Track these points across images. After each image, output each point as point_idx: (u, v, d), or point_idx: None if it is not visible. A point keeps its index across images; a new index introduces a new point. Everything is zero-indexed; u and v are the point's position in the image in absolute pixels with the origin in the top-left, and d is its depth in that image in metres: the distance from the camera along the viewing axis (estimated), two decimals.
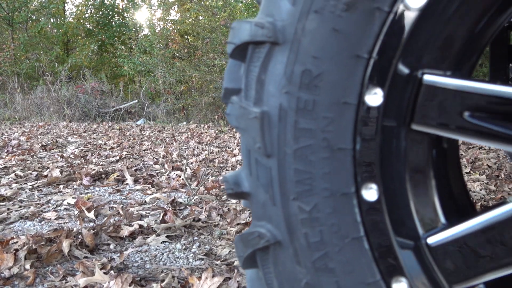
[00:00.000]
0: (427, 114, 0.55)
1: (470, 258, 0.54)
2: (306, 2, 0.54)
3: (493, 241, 0.52)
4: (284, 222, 0.60)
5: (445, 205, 0.58)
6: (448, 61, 0.54)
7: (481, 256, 0.53)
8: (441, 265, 0.55)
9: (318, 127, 0.57)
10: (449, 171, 0.60)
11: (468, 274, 0.54)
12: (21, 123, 9.15)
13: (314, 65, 0.55)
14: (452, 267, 0.55)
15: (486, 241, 0.52)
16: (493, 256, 0.52)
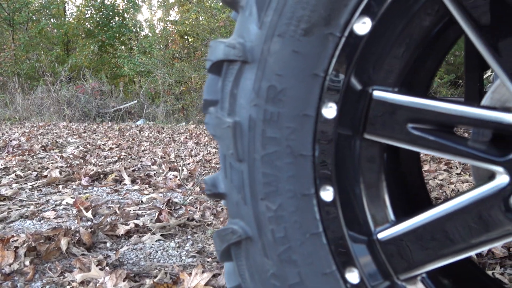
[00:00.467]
0: (377, 125, 0.63)
1: (413, 250, 0.62)
2: (271, 27, 0.62)
3: (431, 235, 0.60)
4: (254, 219, 0.68)
5: (395, 204, 0.66)
6: (395, 79, 0.62)
7: (422, 249, 0.61)
8: (389, 257, 0.63)
9: (282, 136, 0.65)
10: (400, 174, 0.68)
11: (412, 265, 0.62)
12: (21, 123, 9.23)
13: (278, 81, 0.63)
14: (398, 259, 0.63)
15: (426, 236, 0.60)
16: (432, 249, 0.60)
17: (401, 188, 0.68)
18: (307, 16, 0.59)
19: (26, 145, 5.28)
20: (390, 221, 0.65)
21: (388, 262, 0.63)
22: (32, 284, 1.53)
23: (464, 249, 0.58)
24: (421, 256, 0.61)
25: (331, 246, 0.64)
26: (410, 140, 0.60)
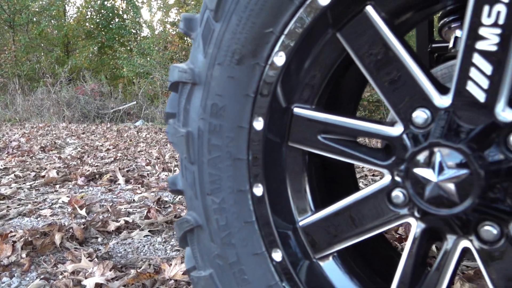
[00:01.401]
0: (297, 135, 0.79)
1: (326, 234, 0.78)
2: (212, 57, 0.79)
3: (339, 222, 0.77)
4: (203, 211, 0.85)
5: (314, 197, 0.82)
6: (311, 98, 0.79)
7: (331, 233, 0.77)
8: (308, 240, 0.80)
9: (223, 144, 0.81)
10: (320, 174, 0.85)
11: (325, 246, 0.79)
12: (21, 124, 9.42)
13: (219, 100, 0.80)
14: (315, 241, 0.79)
15: (335, 223, 0.77)
16: (339, 233, 0.77)
17: (321, 184, 0.85)
18: (239, 50, 0.76)
19: (25, 146, 5.45)
20: (310, 211, 0.82)
21: (307, 244, 0.80)
22: (28, 274, 1.70)
23: (362, 232, 0.75)
24: (331, 238, 0.78)
25: (262, 232, 0.80)
26: (320, 147, 0.77)
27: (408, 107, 0.67)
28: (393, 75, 0.67)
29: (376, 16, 0.67)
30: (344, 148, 0.74)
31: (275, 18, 0.72)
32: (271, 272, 0.79)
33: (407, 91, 0.67)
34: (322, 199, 0.83)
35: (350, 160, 0.75)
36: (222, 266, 0.84)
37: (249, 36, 0.74)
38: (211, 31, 0.78)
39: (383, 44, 0.67)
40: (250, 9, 0.73)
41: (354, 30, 0.69)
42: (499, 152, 0.58)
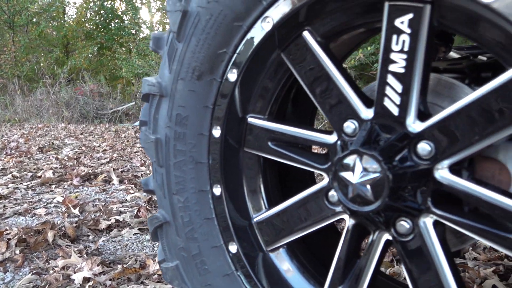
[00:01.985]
0: (251, 141, 0.90)
1: (276, 228, 0.89)
2: (176, 72, 0.90)
3: (287, 218, 0.87)
4: (170, 208, 0.96)
5: (268, 197, 0.93)
6: (263, 110, 0.89)
7: (279, 228, 0.88)
8: (261, 234, 0.91)
9: (187, 149, 0.92)
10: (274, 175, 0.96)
11: (275, 239, 0.89)
12: (21, 124, 9.54)
13: (183, 111, 0.91)
14: (266, 235, 0.90)
15: (282, 219, 0.88)
16: (287, 227, 0.88)
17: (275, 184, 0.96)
18: (198, 67, 0.87)
19: (24, 147, 5.57)
20: (265, 208, 0.93)
21: (260, 237, 0.91)
22: (21, 269, 1.81)
23: (306, 227, 0.86)
24: (281, 232, 0.89)
25: (220, 227, 0.91)
26: (271, 153, 0.88)
27: (340, 118, 0.78)
28: (327, 91, 0.78)
29: (312, 40, 0.78)
30: (290, 153, 0.85)
31: (228, 40, 0.83)
32: (228, 262, 0.90)
33: (339, 105, 0.77)
34: (276, 198, 0.94)
35: (296, 164, 0.86)
36: (186, 258, 0.94)
37: (207, 55, 0.85)
38: (174, 50, 0.89)
39: (318, 63, 0.78)
40: (206, 32, 0.84)
41: (294, 51, 0.80)
42: (409, 158, 0.69)
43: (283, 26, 0.78)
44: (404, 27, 0.66)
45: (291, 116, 0.98)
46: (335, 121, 0.78)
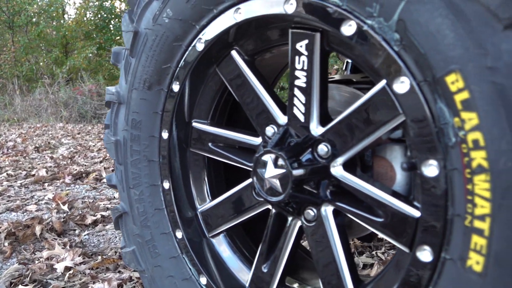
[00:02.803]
0: (195, 143, 1.05)
1: (216, 217, 1.04)
2: (131, 83, 1.05)
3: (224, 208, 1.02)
4: (128, 201, 1.11)
5: (211, 190, 1.09)
6: (205, 115, 1.05)
7: (219, 216, 1.03)
8: (204, 222, 1.06)
9: (141, 149, 1.08)
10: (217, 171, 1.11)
11: (215, 226, 1.05)
12: (19, 124, 9.72)
13: (137, 116, 1.06)
14: (208, 223, 1.05)
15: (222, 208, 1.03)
16: (224, 216, 1.03)
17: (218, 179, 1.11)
18: (148, 79, 1.02)
19: (20, 146, 5.73)
20: (208, 200, 1.08)
21: (203, 225, 1.06)
22: (9, 260, 1.97)
23: (240, 215, 1.01)
24: (219, 220, 1.04)
25: (169, 216, 1.07)
26: (210, 152, 1.03)
27: (263, 124, 0.93)
28: (252, 101, 0.93)
29: (239, 58, 0.93)
30: (226, 153, 1.01)
31: (171, 57, 0.98)
32: (175, 246, 1.06)
33: (262, 112, 0.93)
34: (218, 191, 1.10)
35: (231, 162, 1.01)
36: (141, 243, 1.10)
37: (154, 69, 1.01)
38: (129, 64, 1.05)
39: (244, 77, 0.93)
40: (153, 50, 0.99)
41: (226, 67, 0.96)
42: (310, 157, 0.84)
43: (214, 46, 0.93)
44: (303, 50, 0.81)
45: (232, 121, 1.13)
46: (259, 126, 0.94)
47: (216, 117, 1.06)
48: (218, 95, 1.04)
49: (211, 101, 1.04)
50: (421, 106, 0.60)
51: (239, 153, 1.00)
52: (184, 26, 0.93)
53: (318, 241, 0.86)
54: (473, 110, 0.53)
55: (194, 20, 0.91)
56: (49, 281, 1.74)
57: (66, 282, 1.72)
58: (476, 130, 0.53)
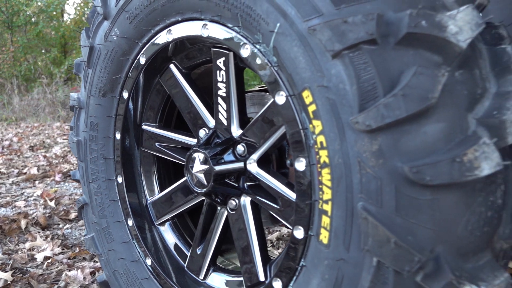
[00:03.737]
0: (145, 143, 1.22)
1: (163, 207, 1.21)
2: (88, 91, 1.22)
3: (167, 199, 1.19)
4: (88, 193, 1.28)
5: (160, 183, 1.25)
6: (153, 119, 1.21)
7: (165, 206, 1.20)
8: (153, 211, 1.23)
9: (98, 148, 1.24)
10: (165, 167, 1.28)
11: (161, 215, 1.21)
12: (17, 123, 9.91)
13: (94, 119, 1.23)
14: (156, 212, 1.22)
15: (166, 200, 1.19)
16: (167, 206, 1.19)
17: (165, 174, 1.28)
18: (103, 87, 1.19)
19: (16, 145, 5.91)
20: (157, 192, 1.25)
21: (153, 214, 1.23)
22: None
23: (181, 206, 1.17)
24: (164, 210, 1.20)
25: (122, 207, 1.23)
26: (158, 151, 1.20)
27: (197, 127, 1.09)
28: (188, 108, 1.10)
29: (176, 70, 1.10)
30: (170, 151, 1.17)
31: (120, 69, 1.14)
32: (127, 233, 1.22)
33: (196, 118, 1.09)
34: (166, 184, 1.26)
35: (175, 160, 1.17)
36: (99, 230, 1.27)
37: (107, 79, 1.17)
38: (87, 74, 1.21)
39: (180, 87, 1.10)
40: (106, 62, 1.16)
41: (167, 78, 1.12)
42: (231, 156, 1.01)
43: (155, 60, 1.10)
44: (222, 65, 0.97)
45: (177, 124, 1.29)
46: (194, 128, 1.10)
47: (163, 120, 1.23)
48: (163, 102, 1.20)
49: (157, 107, 1.21)
50: (293, 114, 0.76)
51: (181, 152, 1.17)
52: (129, 43, 1.09)
53: (238, 226, 1.03)
54: (319, 118, 0.69)
55: (136, 38, 1.07)
56: (28, 269, 1.91)
57: (44, 270, 1.89)
58: (321, 134, 0.70)
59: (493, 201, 0.64)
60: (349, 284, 0.68)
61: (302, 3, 0.69)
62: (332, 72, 0.66)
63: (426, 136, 0.60)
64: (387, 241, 0.62)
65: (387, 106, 0.60)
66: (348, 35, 0.62)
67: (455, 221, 0.61)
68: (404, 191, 0.61)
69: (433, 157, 0.59)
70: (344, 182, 0.67)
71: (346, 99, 0.65)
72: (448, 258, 0.62)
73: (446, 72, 0.58)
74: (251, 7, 0.77)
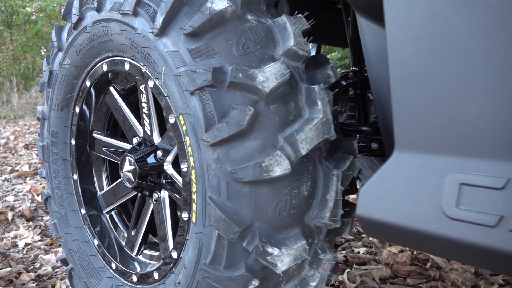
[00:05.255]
0: (94, 148, 1.54)
1: (109, 199, 1.53)
2: (50, 105, 1.54)
3: (111, 194, 1.51)
4: (51, 188, 1.60)
5: (108, 180, 1.57)
6: (101, 128, 1.53)
7: (111, 199, 1.52)
8: (102, 202, 1.55)
9: (59, 152, 1.56)
10: (113, 167, 1.60)
11: (108, 205, 1.53)
12: (15, 121, 10.26)
13: (54, 128, 1.55)
14: (103, 202, 1.54)
15: (111, 193, 1.51)
16: (109, 200, 1.51)
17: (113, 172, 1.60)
18: (60, 103, 1.51)
19: (12, 143, 6.25)
20: (106, 187, 1.57)
21: (102, 204, 1.55)
22: None
23: (121, 198, 1.49)
24: (110, 201, 1.52)
25: (78, 199, 1.55)
26: (105, 154, 1.52)
27: (131, 136, 1.41)
28: (124, 121, 1.41)
29: (114, 91, 1.41)
30: (113, 155, 1.49)
31: (72, 89, 1.46)
32: (80, 219, 1.54)
33: (130, 128, 1.41)
34: (113, 181, 1.58)
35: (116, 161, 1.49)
36: (59, 217, 1.59)
37: (63, 97, 1.49)
38: (48, 92, 1.53)
39: (118, 104, 1.41)
40: (61, 84, 1.47)
41: (108, 97, 1.44)
42: (153, 158, 1.32)
43: (98, 83, 1.41)
44: (143, 90, 1.29)
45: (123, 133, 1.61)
46: (129, 137, 1.42)
47: (110, 129, 1.55)
48: (109, 115, 1.52)
49: (104, 119, 1.53)
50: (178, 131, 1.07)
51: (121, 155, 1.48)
52: (78, 70, 1.41)
53: (159, 213, 1.34)
54: (188, 135, 1.01)
55: (82, 67, 1.39)
56: (10, 253, 2.23)
57: (23, 254, 2.22)
58: (190, 146, 1.01)
59: (298, 193, 0.95)
60: (205, 249, 1.00)
61: (175, 55, 1.00)
62: (192, 104, 0.97)
63: (246, 149, 0.92)
64: (221, 219, 0.93)
65: (218, 129, 0.91)
66: (197, 80, 0.94)
67: (266, 206, 0.92)
68: (232, 185, 0.93)
69: (246, 163, 0.90)
70: (201, 179, 0.99)
71: (199, 123, 0.96)
72: (262, 230, 0.93)
73: (252, 108, 0.89)
74: (149, 53, 1.09)
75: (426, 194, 0.69)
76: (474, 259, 0.69)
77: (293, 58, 1.00)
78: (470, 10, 0.68)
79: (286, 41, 0.99)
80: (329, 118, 0.97)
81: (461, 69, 0.69)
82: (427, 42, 0.73)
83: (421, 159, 0.72)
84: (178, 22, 1.00)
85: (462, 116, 0.67)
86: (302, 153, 0.92)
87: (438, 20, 0.71)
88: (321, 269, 1.03)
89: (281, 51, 0.98)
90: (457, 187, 0.66)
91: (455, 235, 0.65)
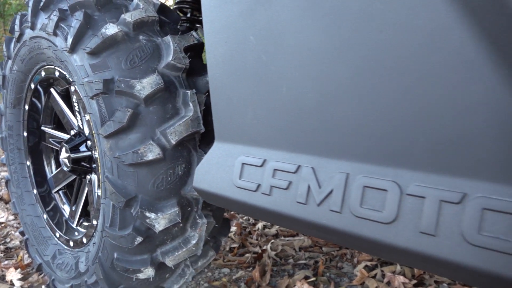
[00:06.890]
0: (45, 138, 1.87)
1: (55, 181, 1.86)
2: (5, 103, 1.86)
3: (59, 176, 1.84)
4: (9, 172, 1.93)
5: (56, 165, 1.91)
6: (48, 122, 1.86)
7: (58, 180, 1.85)
8: (52, 183, 1.88)
9: (14, 142, 1.89)
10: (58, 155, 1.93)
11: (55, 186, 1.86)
12: None
13: (10, 123, 1.87)
14: (53, 183, 1.87)
15: (59, 176, 1.85)
16: (59, 180, 1.84)
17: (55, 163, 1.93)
18: (12, 101, 1.83)
19: None
20: (55, 171, 1.90)
21: (52, 185, 1.88)
22: None
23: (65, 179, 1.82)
24: (57, 182, 1.86)
25: (31, 181, 1.88)
26: (52, 144, 1.84)
27: (70, 128, 1.73)
28: (63, 115, 1.74)
29: (55, 92, 1.73)
30: (57, 144, 1.82)
31: (22, 90, 1.78)
32: (33, 198, 1.88)
33: (68, 122, 1.73)
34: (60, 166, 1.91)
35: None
36: (17, 197, 1.92)
37: (15, 97, 1.81)
38: (3, 92, 1.85)
39: (58, 103, 1.73)
40: (13, 85, 1.79)
41: (52, 97, 1.76)
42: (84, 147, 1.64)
43: (41, 85, 1.73)
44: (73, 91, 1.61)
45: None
46: (68, 129, 1.74)
47: (56, 123, 1.87)
48: (54, 111, 1.85)
49: (50, 115, 1.85)
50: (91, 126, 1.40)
51: None
52: (24, 75, 1.73)
53: (91, 192, 1.67)
54: (94, 129, 1.33)
55: (27, 72, 1.71)
56: None
57: None
58: (95, 138, 1.34)
59: (173, 172, 1.27)
60: (107, 216, 1.33)
61: (81, 69, 1.32)
62: (92, 106, 1.29)
63: (130, 140, 1.24)
64: (112, 192, 1.26)
65: (108, 125, 1.23)
66: (93, 89, 1.26)
67: (146, 182, 1.25)
68: (121, 167, 1.25)
69: (128, 151, 1.23)
70: (102, 162, 1.32)
71: (98, 120, 1.28)
72: (144, 200, 1.26)
73: (132, 109, 1.21)
74: (67, 66, 1.40)
75: (225, 171, 1.01)
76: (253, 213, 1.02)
77: (173, 69, 1.31)
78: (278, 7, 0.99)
79: (168, 56, 1.30)
80: (198, 115, 1.29)
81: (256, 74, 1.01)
82: (235, 43, 1.04)
83: (225, 147, 1.03)
84: (83, 43, 1.32)
85: (245, 117, 0.99)
86: (172, 142, 1.24)
87: (246, 22, 1.03)
88: (198, 230, 1.36)
89: (163, 64, 1.30)
90: (240, 166, 0.98)
91: (240, 199, 0.98)
